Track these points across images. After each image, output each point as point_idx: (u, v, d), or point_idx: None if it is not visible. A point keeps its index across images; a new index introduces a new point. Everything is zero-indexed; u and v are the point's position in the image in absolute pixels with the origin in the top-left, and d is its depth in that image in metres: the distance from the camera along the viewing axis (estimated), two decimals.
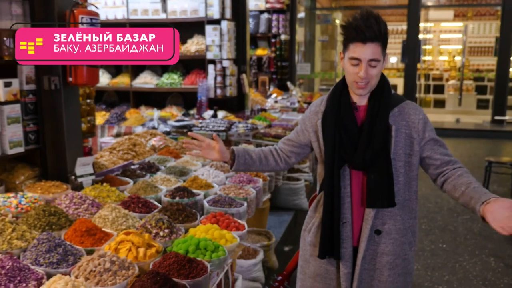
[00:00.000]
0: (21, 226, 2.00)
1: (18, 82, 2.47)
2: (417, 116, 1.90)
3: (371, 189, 1.88)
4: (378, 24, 1.78)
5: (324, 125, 1.96)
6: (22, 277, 1.67)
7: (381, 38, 1.79)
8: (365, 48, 1.78)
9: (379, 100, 1.88)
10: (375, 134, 1.86)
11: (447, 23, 15.67)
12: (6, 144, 2.42)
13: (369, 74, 1.81)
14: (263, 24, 9.31)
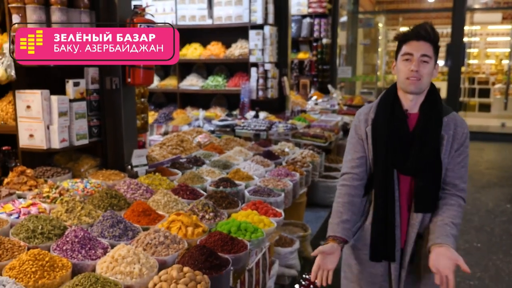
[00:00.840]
0: (88, 206, 2.33)
1: (85, 82, 2.82)
2: (462, 130, 1.96)
3: (419, 194, 1.94)
4: (432, 29, 1.91)
5: (374, 131, 2.00)
6: (91, 245, 1.98)
7: (434, 40, 1.90)
8: (418, 44, 1.88)
9: (431, 108, 1.94)
10: (428, 142, 1.91)
11: (494, 26, 15.33)
12: (74, 136, 2.78)
13: (420, 69, 1.88)
14: (305, 28, 9.51)
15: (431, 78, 1.95)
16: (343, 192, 2.05)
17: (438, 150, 1.92)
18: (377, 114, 2.01)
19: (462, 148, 1.95)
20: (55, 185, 2.46)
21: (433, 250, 1.83)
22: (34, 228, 2.00)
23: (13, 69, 2.57)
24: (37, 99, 2.63)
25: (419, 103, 1.97)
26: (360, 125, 2.07)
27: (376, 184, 2.01)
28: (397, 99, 2.00)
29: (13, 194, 2.39)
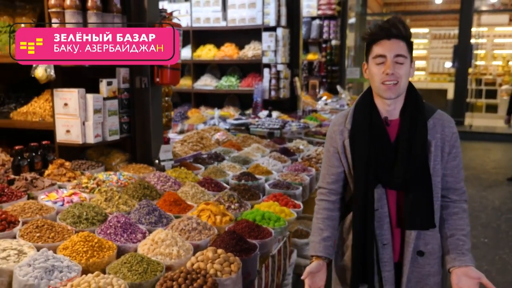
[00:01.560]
0: (124, 195, 2.52)
1: (117, 81, 3.02)
2: (451, 130, 1.81)
3: (410, 210, 1.79)
4: (403, 24, 1.74)
5: (353, 143, 1.84)
6: (132, 230, 2.17)
7: (406, 37, 1.74)
8: (390, 43, 1.72)
9: (413, 111, 1.79)
10: (414, 150, 1.76)
11: (501, 27, 15.44)
12: (107, 132, 2.97)
13: (396, 71, 1.71)
14: (315, 30, 9.69)
15: (409, 79, 1.79)
16: (321, 207, 1.98)
17: (426, 158, 1.77)
18: (354, 125, 1.85)
19: (455, 150, 1.82)
20: (93, 177, 2.66)
21: (453, 272, 1.77)
22: (79, 214, 2.20)
23: (52, 69, 2.77)
24: (74, 97, 2.83)
25: (398, 108, 1.82)
26: (335, 137, 1.91)
27: (355, 201, 1.87)
28: (374, 106, 1.83)
29: (55, 185, 2.59)
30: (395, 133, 1.81)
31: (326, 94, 9.09)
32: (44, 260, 1.75)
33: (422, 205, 1.76)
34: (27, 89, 3.32)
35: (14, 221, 2.06)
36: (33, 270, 1.70)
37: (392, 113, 1.82)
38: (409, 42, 1.76)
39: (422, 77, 16.40)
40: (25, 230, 2.00)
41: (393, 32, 1.72)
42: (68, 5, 2.74)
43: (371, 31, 1.77)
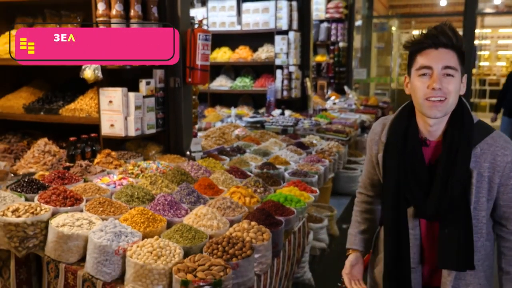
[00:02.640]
0: (165, 180, 2.90)
1: (154, 81, 3.41)
2: (505, 158, 1.55)
3: (443, 246, 1.60)
4: (453, 31, 1.52)
5: (386, 160, 1.69)
6: (177, 207, 2.55)
7: (457, 47, 1.52)
8: (438, 53, 1.50)
9: (456, 134, 1.56)
10: (454, 178, 1.54)
11: (505, 29, 15.75)
12: (145, 126, 3.36)
13: (444, 86, 1.49)
14: (323, 33, 10.06)
15: (458, 96, 1.55)
16: (360, 200, 1.96)
17: (466, 190, 1.56)
18: (388, 141, 1.68)
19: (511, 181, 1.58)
20: (137, 164, 3.04)
21: None
22: (132, 194, 2.58)
23: (99, 71, 3.16)
24: (118, 95, 3.22)
25: (441, 128, 1.60)
26: (372, 146, 1.80)
27: (385, 226, 1.74)
28: (413, 123, 1.64)
29: (104, 171, 2.98)
30: (434, 157, 1.62)
31: (334, 94, 9.46)
32: (113, 227, 2.13)
33: (459, 243, 1.53)
34: (71, 89, 3.71)
35: (80, 199, 2.45)
36: (105, 234, 2.08)
37: (433, 134, 1.62)
38: (461, 53, 1.53)
39: None
40: (89, 206, 2.39)
41: (442, 40, 1.50)
42: (113, 15, 3.13)
43: (415, 39, 1.56)
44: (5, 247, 2.20)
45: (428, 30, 1.55)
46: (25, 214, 2.19)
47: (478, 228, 1.61)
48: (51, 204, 2.33)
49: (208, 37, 3.48)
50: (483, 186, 1.57)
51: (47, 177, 2.68)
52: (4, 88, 3.79)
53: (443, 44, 1.51)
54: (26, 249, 2.19)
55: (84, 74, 3.19)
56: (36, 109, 3.54)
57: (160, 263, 1.96)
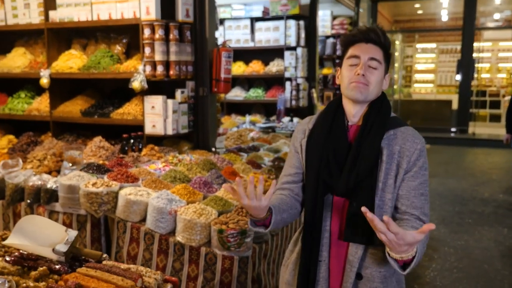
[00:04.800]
0: (198, 167, 3.69)
1: (187, 91, 4.21)
2: (414, 145, 1.64)
3: (350, 219, 1.64)
4: (384, 33, 1.70)
5: (309, 144, 1.75)
6: (209, 186, 3.33)
7: (384, 46, 1.69)
8: (367, 47, 1.67)
9: (374, 117, 1.68)
10: (363, 155, 1.63)
11: (505, 42, 16.45)
12: (180, 126, 4.16)
13: (367, 74, 1.65)
14: (329, 47, 10.85)
15: (381, 89, 1.71)
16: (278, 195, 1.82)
17: (374, 166, 1.63)
18: (315, 125, 1.77)
19: (416, 169, 1.63)
20: (175, 156, 3.84)
21: None
22: (174, 176, 3.38)
23: (145, 82, 3.98)
24: (159, 101, 4.03)
25: (361, 113, 1.72)
26: (297, 136, 1.84)
27: (306, 208, 1.75)
28: (341, 108, 1.75)
29: (150, 161, 3.78)
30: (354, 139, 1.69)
31: None
32: (166, 195, 2.92)
33: (364, 217, 1.46)
34: (117, 97, 4.53)
35: (137, 178, 3.25)
36: (161, 200, 2.87)
37: (356, 117, 1.73)
38: (387, 52, 1.71)
39: (431, 89, 17.42)
40: (145, 183, 3.18)
41: (372, 36, 1.68)
42: (157, 38, 3.95)
43: (350, 34, 1.74)
44: (87, 210, 3.00)
45: (361, 27, 1.73)
46: (101, 186, 3.00)
47: (383, 210, 1.63)
48: (118, 181, 3.13)
49: (230, 55, 4.29)
50: (392, 168, 1.64)
51: (110, 164, 3.49)
52: (63, 96, 4.62)
53: (372, 40, 1.68)
54: (102, 211, 2.99)
55: (132, 85, 4.00)
56: (91, 113, 4.36)
57: (202, 219, 2.74)
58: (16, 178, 3.32)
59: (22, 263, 1.91)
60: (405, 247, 1.43)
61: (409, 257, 1.47)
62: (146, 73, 4.00)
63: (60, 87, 4.59)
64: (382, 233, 1.40)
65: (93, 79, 4.51)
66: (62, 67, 4.44)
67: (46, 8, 4.47)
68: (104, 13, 4.19)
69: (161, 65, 3.99)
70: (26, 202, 3.25)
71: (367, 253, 1.68)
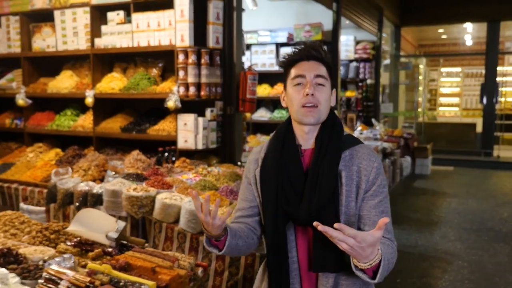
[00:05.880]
0: (225, 178, 4.09)
1: (216, 110, 4.65)
2: (371, 164, 1.60)
3: (316, 248, 1.57)
4: (322, 48, 1.67)
5: (263, 174, 1.67)
6: (234, 194, 3.71)
7: (326, 61, 1.65)
8: (309, 64, 1.61)
9: (328, 139, 1.62)
10: (322, 181, 1.55)
11: None
12: (209, 142, 4.59)
13: (316, 94, 1.59)
14: (352, 71, 11.24)
15: (329, 106, 1.66)
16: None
17: (335, 191, 1.57)
18: (267, 153, 1.70)
19: (375, 188, 1.59)
20: (204, 168, 4.25)
21: None
22: (204, 184, 3.78)
23: (179, 102, 4.43)
24: (190, 119, 4.48)
25: (314, 135, 1.66)
26: (250, 167, 1.77)
27: (268, 242, 1.67)
28: (290, 132, 1.68)
29: (182, 172, 4.20)
30: (309, 164, 1.62)
31: (362, 126, 10.53)
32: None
33: (331, 244, 1.42)
34: (152, 115, 5.00)
35: (171, 185, 3.66)
36: (193, 203, 3.26)
37: (308, 141, 1.66)
38: (329, 67, 1.67)
39: (455, 113, 17.52)
40: (178, 190, 3.59)
41: (312, 53, 1.63)
42: (190, 62, 4.42)
43: (289, 55, 1.68)
44: (128, 212, 3.42)
45: (299, 47, 1.68)
46: (141, 191, 3.42)
47: None
48: (155, 187, 3.55)
49: (255, 77, 4.72)
50: (352, 190, 1.59)
51: (147, 173, 3.93)
52: (105, 114, 5.13)
53: (313, 57, 1.63)
54: (141, 213, 3.40)
55: (167, 104, 4.46)
56: (130, 130, 4.84)
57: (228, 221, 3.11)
58: (66, 184, 3.78)
59: (81, 246, 2.33)
60: (369, 250, 1.37)
61: (376, 261, 1.41)
62: (179, 93, 4.46)
63: (102, 106, 5.10)
64: (341, 241, 1.34)
65: (131, 99, 4.99)
66: (105, 88, 4.95)
67: (92, 36, 5.01)
68: (144, 40, 4.70)
69: (193, 87, 4.44)
70: (75, 205, 3.70)
71: (339, 281, 1.61)
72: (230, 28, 4.64)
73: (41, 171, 4.68)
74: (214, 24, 4.50)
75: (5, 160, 5.29)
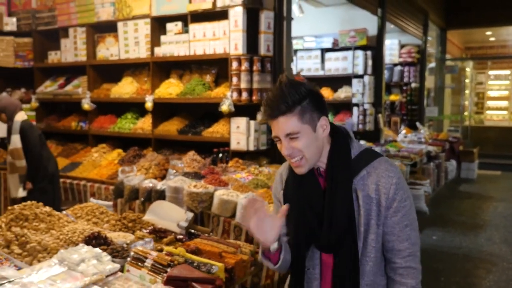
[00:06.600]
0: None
1: None
2: (389, 180, 1.58)
3: (336, 277, 1.63)
4: (290, 92, 1.54)
5: (286, 197, 1.69)
6: None
7: (294, 106, 1.53)
8: (277, 123, 1.56)
9: (337, 162, 1.61)
10: (337, 208, 1.58)
11: None
12: (260, 144, 4.89)
13: (292, 148, 1.57)
14: (396, 75, 11.28)
15: (321, 140, 1.61)
16: None
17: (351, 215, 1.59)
18: (289, 174, 1.71)
19: (396, 204, 1.59)
20: (256, 168, 4.55)
21: None
22: (257, 183, 4.07)
23: (232, 106, 4.76)
24: (243, 122, 4.79)
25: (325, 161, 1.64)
26: (276, 187, 1.80)
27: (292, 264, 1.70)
28: None
29: (235, 171, 4.51)
30: None
31: (407, 129, 10.57)
32: (251, 196, 3.60)
33: (349, 270, 1.52)
34: (206, 119, 5.35)
35: (227, 183, 3.98)
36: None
37: (323, 163, 1.65)
38: (303, 108, 1.55)
39: (503, 116, 17.11)
40: (233, 187, 3.90)
41: (275, 111, 1.55)
42: (242, 69, 4.74)
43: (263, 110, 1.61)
44: (189, 206, 3.76)
45: (264, 100, 1.59)
46: (200, 188, 3.75)
47: (366, 251, 1.61)
48: (212, 185, 3.87)
49: None
50: (372, 209, 1.59)
51: (204, 172, 4.26)
52: (163, 118, 5.52)
53: (279, 112, 1.54)
54: (200, 208, 3.73)
55: (221, 108, 4.79)
56: (186, 132, 5.20)
57: None
58: (132, 181, 4.17)
59: (156, 233, 2.66)
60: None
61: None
62: (233, 98, 4.78)
63: (160, 109, 5.50)
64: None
65: (187, 103, 5.36)
66: (163, 93, 5.34)
67: (152, 45, 5.42)
68: (200, 49, 5.06)
69: (246, 92, 4.76)
70: (140, 200, 4.08)
71: None
72: (280, 37, 4.93)
73: (106, 169, 5.12)
74: (265, 33, 4.81)
75: (72, 159, 5.78)
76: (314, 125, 1.58)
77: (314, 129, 1.59)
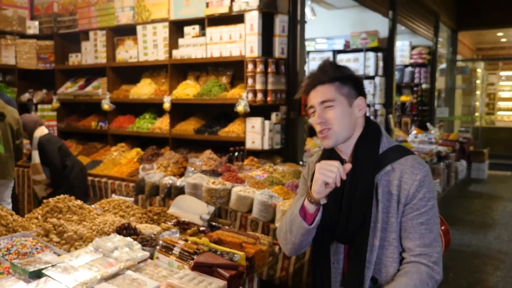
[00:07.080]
0: (289, 175, 4.53)
1: (280, 113, 5.12)
2: (413, 176, 1.56)
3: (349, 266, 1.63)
4: (331, 65, 1.65)
5: None
6: None
7: (335, 78, 1.61)
8: (315, 92, 1.62)
9: (362, 156, 1.62)
10: (355, 200, 1.58)
11: None
12: (274, 143, 5.06)
13: (324, 117, 1.60)
14: (407, 76, 11.40)
15: (353, 119, 1.64)
16: None
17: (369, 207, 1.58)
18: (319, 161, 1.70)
19: (415, 201, 1.56)
20: (270, 166, 4.73)
21: None
22: (272, 180, 4.25)
23: (247, 107, 4.94)
24: (258, 122, 4.97)
25: (350, 150, 1.69)
26: (310, 168, 1.87)
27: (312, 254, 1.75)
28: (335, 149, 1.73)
29: (251, 169, 4.69)
30: None
31: (417, 130, 10.67)
32: (267, 193, 3.79)
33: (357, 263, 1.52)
34: (222, 119, 5.54)
35: (243, 180, 4.16)
36: (264, 195, 3.74)
37: (347, 156, 1.70)
38: (343, 81, 1.63)
39: None
40: (250, 184, 4.08)
41: (317, 78, 1.63)
42: (258, 71, 4.92)
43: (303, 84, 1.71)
44: (208, 202, 3.94)
45: (306, 77, 1.72)
46: (218, 184, 3.94)
47: (389, 252, 1.59)
48: (229, 182, 4.06)
49: None
50: (393, 206, 1.56)
51: (221, 170, 4.45)
52: (180, 118, 5.72)
53: (319, 81, 1.63)
54: (218, 203, 3.92)
55: (237, 108, 4.98)
56: (202, 131, 5.40)
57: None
58: (153, 178, 4.37)
59: (180, 225, 2.85)
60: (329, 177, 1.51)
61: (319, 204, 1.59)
62: (248, 99, 4.96)
63: (177, 110, 5.70)
64: None
65: (203, 104, 5.56)
66: (180, 94, 5.55)
67: (170, 48, 5.63)
68: (216, 51, 5.25)
69: (261, 93, 4.94)
70: (160, 196, 4.28)
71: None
72: (294, 39, 5.10)
73: (126, 167, 5.33)
74: (279, 36, 4.99)
75: (93, 158, 6.01)
76: (351, 101, 1.65)
77: (350, 104, 1.65)
